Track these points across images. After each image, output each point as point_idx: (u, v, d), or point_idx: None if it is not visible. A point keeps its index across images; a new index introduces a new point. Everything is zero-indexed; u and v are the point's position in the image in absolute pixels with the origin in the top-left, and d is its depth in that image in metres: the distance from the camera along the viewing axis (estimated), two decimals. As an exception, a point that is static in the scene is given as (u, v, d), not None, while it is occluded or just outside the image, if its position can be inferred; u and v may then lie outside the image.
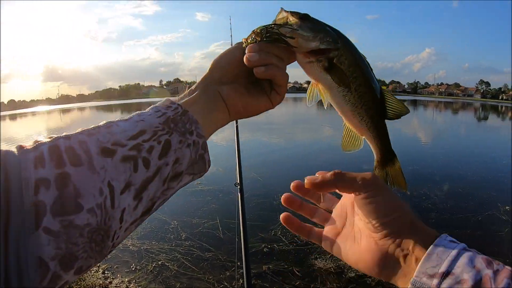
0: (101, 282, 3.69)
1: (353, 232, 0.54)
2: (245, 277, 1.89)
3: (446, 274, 0.40)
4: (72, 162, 0.42)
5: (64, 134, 0.46)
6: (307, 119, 27.61)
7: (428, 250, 0.43)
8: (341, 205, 0.60)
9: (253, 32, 0.60)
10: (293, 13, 0.61)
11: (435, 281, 0.40)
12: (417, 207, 6.23)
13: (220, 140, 14.21)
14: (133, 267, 4.06)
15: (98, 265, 4.06)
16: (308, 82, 0.73)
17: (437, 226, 5.38)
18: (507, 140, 17.14)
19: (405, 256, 0.45)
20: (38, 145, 0.43)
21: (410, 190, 7.15)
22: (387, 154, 0.75)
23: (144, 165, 0.47)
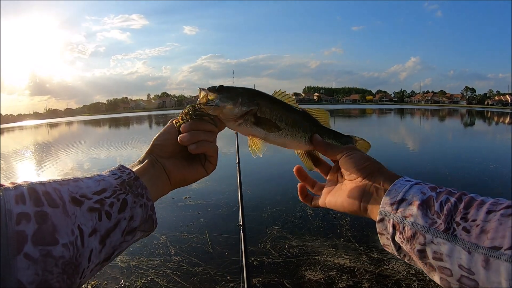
0: None
1: (340, 186, 0.70)
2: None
3: (401, 200, 0.55)
4: (49, 203, 0.49)
5: (38, 181, 0.52)
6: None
7: (389, 187, 0.58)
8: (331, 176, 0.77)
9: (183, 112, 0.70)
10: (210, 90, 0.71)
11: (394, 207, 0.55)
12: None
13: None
14: (122, 284, 4.00)
15: (87, 281, 3.99)
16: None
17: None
18: (493, 145, 17.45)
19: (376, 189, 0.61)
20: (17, 186, 0.49)
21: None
22: (344, 141, 0.84)
23: (106, 217, 0.56)
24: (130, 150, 16.44)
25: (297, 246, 5.00)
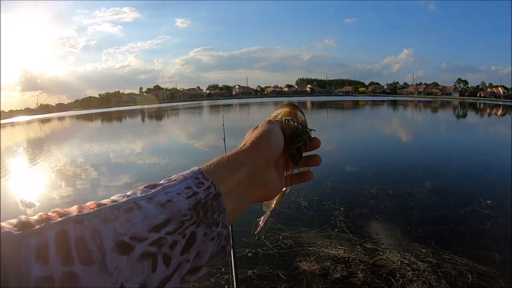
0: None
1: None
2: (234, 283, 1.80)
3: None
4: (81, 259, 0.34)
5: (75, 214, 0.37)
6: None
7: None
8: None
9: (289, 124, 0.61)
10: (296, 108, 0.65)
11: None
12: (400, 205, 6.30)
13: (203, 146, 14.17)
14: None
15: None
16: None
17: (420, 222, 5.43)
18: (486, 136, 17.60)
19: None
20: (43, 229, 0.34)
21: (392, 189, 7.24)
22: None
23: (164, 263, 0.41)
24: (123, 144, 16.34)
25: (291, 237, 4.99)
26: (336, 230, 5.20)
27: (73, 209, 0.38)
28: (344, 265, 4.17)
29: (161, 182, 0.48)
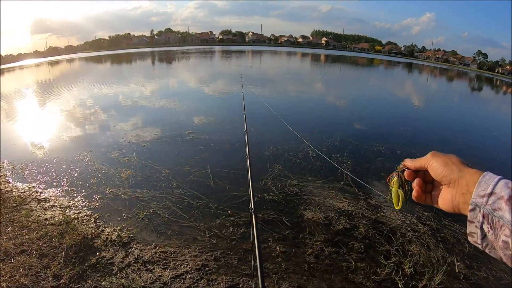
0: (93, 231, 3.66)
1: (439, 191, 0.76)
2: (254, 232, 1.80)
3: (490, 194, 0.61)
4: None
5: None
6: (300, 73, 27.24)
7: (479, 179, 0.64)
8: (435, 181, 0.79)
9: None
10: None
11: (484, 199, 0.61)
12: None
13: (212, 91, 13.96)
14: (124, 215, 4.04)
15: (89, 214, 4.03)
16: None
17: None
18: (498, 113, 17.26)
19: (463, 194, 0.67)
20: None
21: (400, 150, 7.21)
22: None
23: None
24: (133, 86, 16.01)
25: (297, 185, 5.04)
26: (342, 183, 5.24)
27: None
28: (347, 218, 4.24)
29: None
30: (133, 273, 3.05)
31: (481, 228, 0.62)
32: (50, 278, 2.87)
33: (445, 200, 0.73)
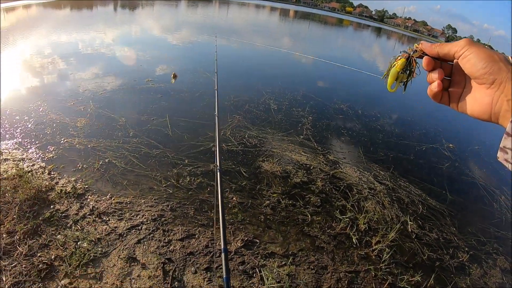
0: (47, 183, 3.32)
1: (469, 91, 0.61)
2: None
3: None
4: None
5: None
6: (267, 26, 26.52)
7: None
8: (455, 75, 0.65)
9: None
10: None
11: None
12: (366, 125, 6.35)
13: (176, 40, 13.18)
14: (79, 166, 3.70)
15: (43, 166, 3.66)
16: None
17: (383, 146, 5.51)
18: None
19: (508, 101, 0.53)
20: None
21: (362, 109, 7.22)
22: None
23: None
24: (93, 34, 14.64)
25: (257, 137, 4.88)
26: (302, 137, 5.15)
27: None
28: (305, 171, 4.18)
29: None
30: (88, 225, 2.87)
31: None
32: (4, 235, 2.64)
33: (479, 103, 0.58)
